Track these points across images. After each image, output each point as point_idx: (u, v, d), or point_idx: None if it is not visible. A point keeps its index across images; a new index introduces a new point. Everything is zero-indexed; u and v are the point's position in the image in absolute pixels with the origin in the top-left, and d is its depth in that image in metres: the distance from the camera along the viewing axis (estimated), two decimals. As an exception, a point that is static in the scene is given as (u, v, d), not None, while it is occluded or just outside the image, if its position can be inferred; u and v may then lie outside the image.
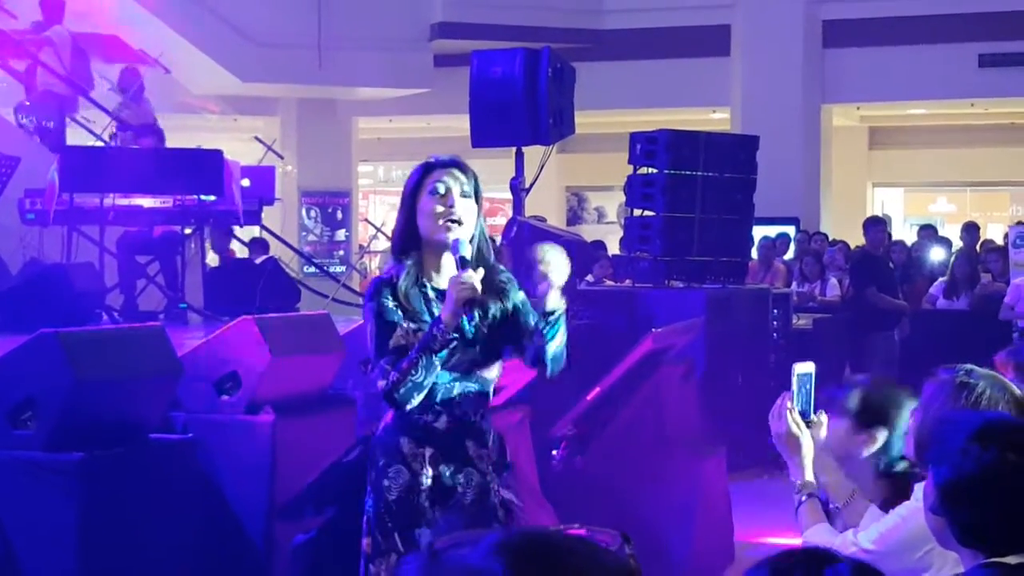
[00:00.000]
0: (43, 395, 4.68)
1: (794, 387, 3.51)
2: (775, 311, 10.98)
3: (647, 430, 7.40)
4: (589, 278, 11.76)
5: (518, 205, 10.42)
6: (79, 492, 4.68)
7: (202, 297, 10.19)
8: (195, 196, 9.89)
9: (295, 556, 5.23)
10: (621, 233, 11.16)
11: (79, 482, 4.67)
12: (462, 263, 3.65)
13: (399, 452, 3.70)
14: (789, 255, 14.46)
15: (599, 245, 14.05)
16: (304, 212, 19.10)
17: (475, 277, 3.63)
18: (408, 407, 3.64)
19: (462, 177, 3.75)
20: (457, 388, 3.72)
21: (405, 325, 3.67)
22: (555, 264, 3.72)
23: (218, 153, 10.12)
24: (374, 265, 18.82)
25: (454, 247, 3.67)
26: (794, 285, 12.80)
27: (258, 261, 11.58)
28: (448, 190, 3.71)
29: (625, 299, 10.16)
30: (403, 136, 21.95)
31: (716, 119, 18.20)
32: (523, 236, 10.21)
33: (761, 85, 16.60)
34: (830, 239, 14.92)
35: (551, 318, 3.72)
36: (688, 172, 10.57)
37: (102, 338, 5.28)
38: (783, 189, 14.80)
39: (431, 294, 3.74)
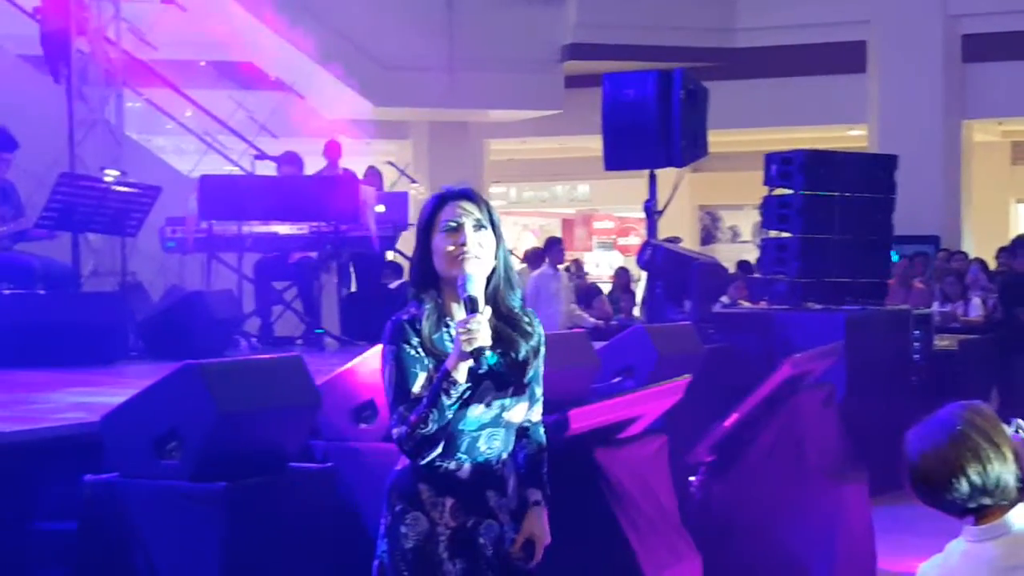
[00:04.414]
0: (187, 426, 4.73)
1: None
2: (916, 333, 10.77)
3: (786, 457, 7.27)
4: (724, 299, 11.65)
5: (652, 228, 10.37)
6: (223, 520, 4.72)
7: (338, 322, 10.30)
8: (331, 223, 10.01)
9: (434, 585, 5.22)
10: (755, 252, 11.04)
11: (223, 511, 4.71)
12: (470, 304, 3.37)
13: (417, 499, 3.50)
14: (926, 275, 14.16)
15: (744, 266, 13.89)
16: (437, 235, 19.18)
17: (483, 322, 3.37)
18: (421, 460, 3.44)
19: (475, 209, 3.50)
20: (484, 435, 3.51)
21: (430, 370, 3.44)
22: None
23: (352, 177, 10.22)
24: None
25: (460, 286, 3.42)
26: (935, 306, 12.53)
27: (392, 286, 11.66)
28: (460, 225, 3.47)
29: (761, 321, 10.03)
30: (535, 157, 22.00)
31: (853, 136, 17.95)
32: (657, 259, 10.15)
33: (899, 101, 16.32)
34: (971, 258, 14.59)
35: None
36: (825, 192, 10.44)
37: (243, 369, 5.32)
38: (922, 207, 14.54)
39: (456, 332, 3.45)
